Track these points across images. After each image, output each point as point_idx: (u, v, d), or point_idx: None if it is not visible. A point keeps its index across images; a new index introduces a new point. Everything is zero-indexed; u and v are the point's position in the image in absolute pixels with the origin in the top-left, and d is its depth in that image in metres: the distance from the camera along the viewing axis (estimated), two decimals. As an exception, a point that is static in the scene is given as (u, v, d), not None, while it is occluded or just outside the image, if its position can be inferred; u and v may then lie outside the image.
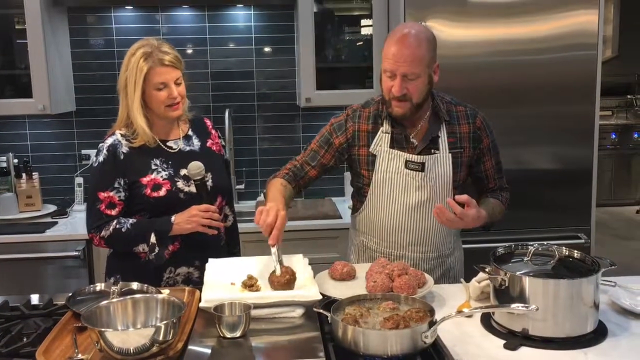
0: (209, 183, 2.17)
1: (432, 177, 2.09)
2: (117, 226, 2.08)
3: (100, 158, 2.10)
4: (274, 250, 1.85)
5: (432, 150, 2.10)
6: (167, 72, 2.07)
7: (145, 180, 2.10)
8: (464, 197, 1.91)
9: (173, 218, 2.08)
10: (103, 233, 2.08)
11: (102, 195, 2.08)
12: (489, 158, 2.19)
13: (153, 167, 2.12)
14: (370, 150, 2.13)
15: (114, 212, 2.09)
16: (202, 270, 2.09)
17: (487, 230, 2.23)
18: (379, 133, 2.12)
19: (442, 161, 2.10)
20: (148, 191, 2.10)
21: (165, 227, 2.08)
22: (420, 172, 2.08)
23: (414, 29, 2.00)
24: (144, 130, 2.09)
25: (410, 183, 2.10)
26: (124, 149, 2.11)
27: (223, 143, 2.36)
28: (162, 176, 2.11)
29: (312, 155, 2.21)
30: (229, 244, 2.35)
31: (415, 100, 2.02)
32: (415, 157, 2.09)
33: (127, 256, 2.14)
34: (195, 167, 2.09)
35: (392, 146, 2.11)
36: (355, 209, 2.29)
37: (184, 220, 2.07)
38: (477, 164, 2.19)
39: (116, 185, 2.09)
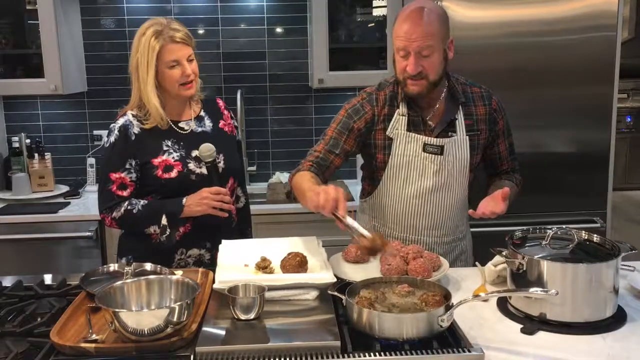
0: (221, 165, 2.16)
1: (450, 161, 2.06)
2: (129, 207, 2.07)
3: (112, 139, 2.09)
4: (349, 221, 1.71)
5: (450, 133, 2.07)
6: (178, 49, 2.06)
7: (156, 161, 2.09)
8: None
9: (184, 200, 2.07)
10: (114, 214, 2.08)
11: (114, 176, 2.08)
12: (502, 140, 2.17)
13: (165, 148, 2.11)
14: (387, 133, 2.08)
15: (125, 193, 2.08)
16: (213, 252, 2.12)
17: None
18: (395, 116, 2.07)
19: (459, 144, 2.07)
20: (159, 172, 2.08)
21: (177, 209, 2.07)
22: (439, 156, 2.04)
23: (423, 4, 1.95)
24: (157, 111, 2.07)
25: (428, 166, 2.06)
26: (135, 130, 2.09)
27: (236, 124, 2.34)
28: (173, 157, 2.10)
29: (334, 143, 2.11)
30: (240, 225, 2.34)
31: (432, 78, 1.97)
32: (433, 140, 2.05)
33: (139, 237, 2.14)
34: (207, 149, 2.08)
35: (409, 129, 2.06)
36: (367, 193, 2.25)
37: (195, 203, 2.06)
38: (491, 146, 2.16)
39: (127, 166, 2.08)
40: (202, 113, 2.23)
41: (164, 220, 2.07)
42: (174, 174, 2.09)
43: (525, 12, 2.95)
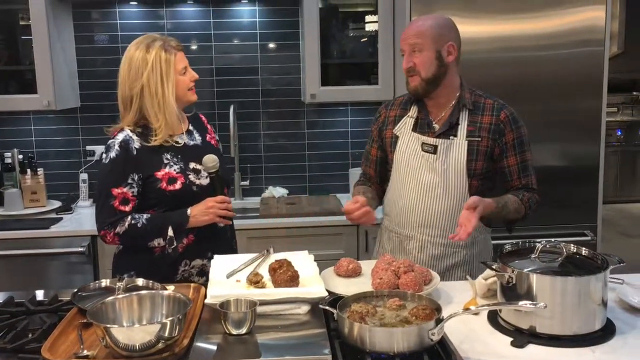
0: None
1: (445, 161, 2.14)
2: (132, 222, 2.07)
3: (112, 154, 2.09)
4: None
5: (450, 137, 2.15)
6: (182, 56, 2.15)
7: (159, 174, 2.11)
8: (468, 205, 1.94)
9: (189, 211, 2.10)
10: (118, 229, 2.07)
11: (116, 191, 2.07)
12: (512, 154, 2.17)
13: (165, 161, 2.13)
14: (394, 131, 2.25)
15: (127, 208, 2.08)
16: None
17: (509, 232, 2.26)
18: (405, 117, 2.24)
19: (456, 147, 2.14)
20: (164, 185, 2.10)
21: (182, 220, 2.10)
22: (432, 155, 2.14)
23: (427, 16, 2.17)
24: (174, 122, 2.12)
25: (423, 165, 2.17)
26: (136, 145, 2.10)
27: (217, 138, 2.40)
28: (175, 170, 2.13)
29: (365, 156, 2.39)
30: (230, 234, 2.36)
31: (424, 75, 2.11)
32: (430, 140, 2.16)
33: (139, 252, 2.13)
34: (211, 160, 2.14)
35: (414, 129, 2.21)
36: (383, 194, 2.36)
37: (201, 212, 2.10)
38: (500, 159, 2.18)
39: (129, 180, 2.08)
40: (191, 127, 2.26)
41: (170, 232, 2.08)
42: (178, 185, 2.11)
43: (516, 27, 2.99)
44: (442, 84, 2.14)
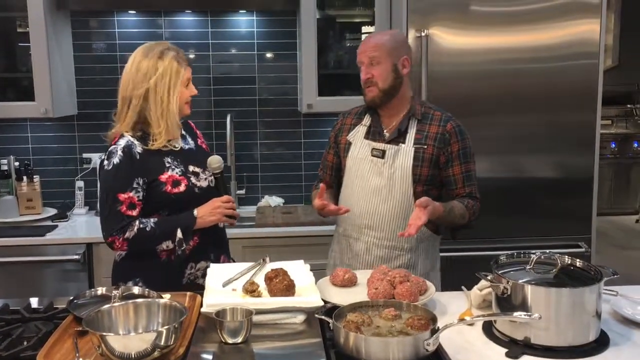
0: (212, 177, 2.24)
1: (392, 165, 2.25)
2: (141, 226, 2.08)
3: (115, 160, 2.09)
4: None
5: (399, 143, 2.26)
6: (190, 71, 2.19)
7: (163, 177, 2.12)
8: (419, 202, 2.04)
9: (195, 212, 2.13)
10: (127, 234, 2.06)
11: (122, 196, 2.08)
12: (458, 164, 2.27)
13: (167, 164, 2.15)
14: (347, 138, 2.37)
15: (134, 213, 2.09)
16: (217, 262, 2.20)
17: (453, 238, 2.40)
18: (359, 125, 2.37)
19: (404, 153, 2.25)
20: (169, 188, 2.12)
21: (190, 222, 2.12)
22: (380, 159, 2.26)
23: (383, 31, 2.30)
24: (174, 130, 2.16)
25: (372, 169, 2.28)
26: (138, 149, 2.11)
27: (206, 143, 2.43)
28: (177, 173, 2.15)
29: (323, 161, 2.52)
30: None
31: (381, 86, 2.24)
32: (379, 145, 2.28)
33: (145, 259, 2.13)
34: (216, 160, 2.20)
35: (366, 137, 2.33)
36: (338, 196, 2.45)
37: (208, 213, 2.14)
38: (445, 167, 2.27)
39: (135, 185, 2.09)
40: (184, 132, 2.29)
41: (179, 234, 2.10)
42: (182, 187, 2.14)
43: (510, 40, 3.01)
44: (397, 95, 2.27)
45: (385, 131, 2.30)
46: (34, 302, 1.95)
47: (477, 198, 2.31)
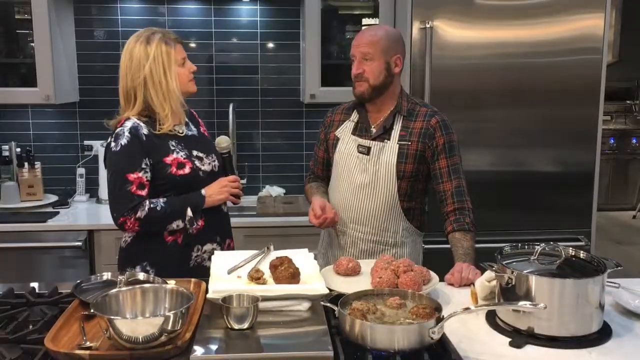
0: (215, 163, 2.26)
1: (377, 162, 2.27)
2: (152, 205, 2.09)
3: (123, 141, 2.09)
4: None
5: (385, 140, 2.27)
6: (181, 48, 2.20)
7: (168, 160, 2.14)
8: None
9: (203, 191, 2.16)
10: (139, 214, 2.07)
11: (132, 176, 2.08)
12: (443, 157, 2.26)
13: (171, 147, 2.16)
14: (335, 134, 2.39)
15: (144, 193, 2.10)
16: (222, 245, 2.26)
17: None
18: (347, 121, 2.39)
19: (388, 149, 2.27)
20: (174, 170, 2.13)
21: (199, 201, 2.15)
22: (366, 156, 2.28)
23: (380, 25, 2.26)
24: (180, 111, 2.18)
25: (358, 165, 2.30)
26: (144, 131, 2.13)
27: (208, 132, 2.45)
28: (181, 156, 2.16)
29: (314, 156, 2.54)
30: None
31: (372, 82, 2.23)
32: (366, 142, 2.30)
33: (152, 242, 2.15)
34: (224, 140, 2.26)
35: (353, 132, 2.35)
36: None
37: (216, 192, 2.18)
38: (432, 161, 2.28)
39: (143, 165, 2.10)
40: (186, 119, 2.30)
41: (189, 213, 2.13)
42: (187, 170, 2.15)
43: (514, 34, 3.02)
44: (386, 92, 2.27)
45: (372, 127, 2.31)
46: (36, 287, 1.95)
47: (467, 209, 2.23)
